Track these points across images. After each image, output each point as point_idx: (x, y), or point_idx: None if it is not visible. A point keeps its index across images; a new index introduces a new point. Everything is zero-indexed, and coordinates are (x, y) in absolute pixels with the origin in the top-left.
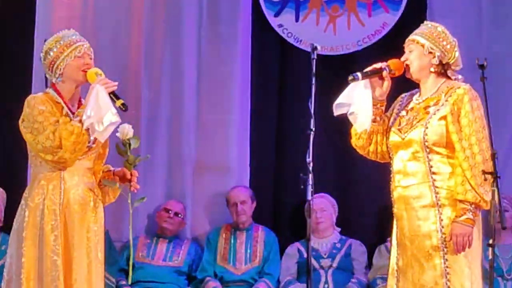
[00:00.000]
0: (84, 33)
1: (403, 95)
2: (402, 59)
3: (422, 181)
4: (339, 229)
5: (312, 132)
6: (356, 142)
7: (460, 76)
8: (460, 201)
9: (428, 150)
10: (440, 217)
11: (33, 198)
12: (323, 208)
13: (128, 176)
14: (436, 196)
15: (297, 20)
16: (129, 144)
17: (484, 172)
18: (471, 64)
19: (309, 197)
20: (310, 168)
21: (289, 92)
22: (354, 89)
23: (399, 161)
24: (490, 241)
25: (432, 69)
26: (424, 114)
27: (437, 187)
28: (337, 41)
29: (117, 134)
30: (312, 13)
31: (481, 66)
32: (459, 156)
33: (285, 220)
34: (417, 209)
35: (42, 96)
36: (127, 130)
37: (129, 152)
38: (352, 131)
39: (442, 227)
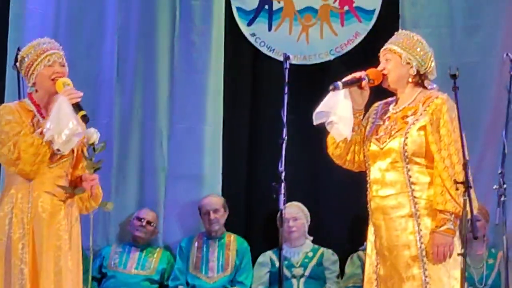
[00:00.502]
0: (57, 41)
1: (377, 103)
2: (379, 68)
3: (400, 191)
4: (311, 238)
5: (284, 141)
6: (334, 151)
7: (435, 86)
8: (440, 211)
9: (407, 160)
10: (419, 228)
11: (3, 207)
12: (295, 217)
13: (88, 180)
14: (414, 206)
15: (270, 29)
16: (94, 149)
17: (455, 182)
18: (443, 74)
19: (282, 206)
20: (283, 177)
21: (261, 101)
22: (334, 98)
23: (377, 171)
24: (462, 251)
25: (410, 80)
26: (403, 124)
27: (415, 197)
28: (309, 50)
29: (83, 139)
30: (285, 22)
31: (453, 76)
32: (438, 166)
33: (258, 229)
34: (395, 219)
35: (12, 105)
36: (91, 134)
37: (93, 157)
38: (329, 140)
39: (421, 237)
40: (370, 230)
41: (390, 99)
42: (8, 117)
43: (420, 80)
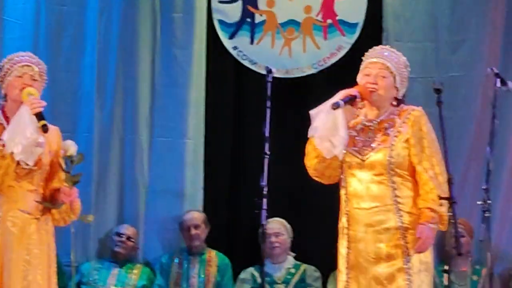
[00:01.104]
0: (36, 54)
1: None
2: (370, 80)
3: (386, 203)
4: (293, 254)
5: (266, 156)
6: (317, 165)
7: None
8: (431, 209)
9: (392, 172)
10: (404, 239)
11: None
12: (278, 233)
13: (67, 194)
14: (400, 219)
15: (252, 42)
16: (71, 161)
17: (440, 198)
18: (427, 88)
19: (264, 222)
20: (265, 192)
21: (244, 115)
22: (332, 116)
23: (358, 183)
24: (446, 267)
25: (393, 102)
26: (384, 136)
27: (400, 210)
28: (292, 64)
29: (61, 151)
30: (267, 35)
31: (437, 90)
32: (422, 178)
33: (239, 245)
34: (381, 231)
35: None
36: (68, 147)
37: (71, 169)
38: (311, 152)
39: (407, 248)
40: (342, 244)
41: (356, 110)
42: None
43: (398, 103)
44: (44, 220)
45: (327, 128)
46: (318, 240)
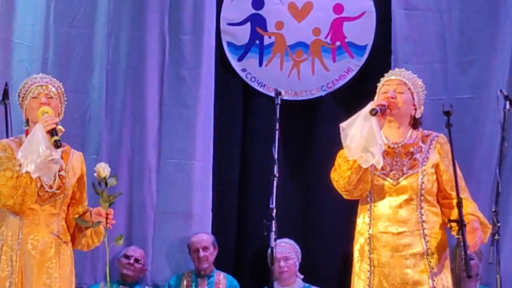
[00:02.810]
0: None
1: None
2: (390, 95)
3: (413, 229)
4: (302, 276)
5: (275, 178)
6: (351, 177)
7: None
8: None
9: (422, 198)
10: (430, 265)
11: None
12: (286, 256)
13: (103, 215)
14: (426, 245)
15: (260, 64)
16: (106, 183)
17: (449, 220)
18: (436, 110)
19: (272, 244)
20: (274, 215)
21: (252, 137)
22: (368, 123)
23: (386, 207)
24: None
25: (410, 120)
26: (413, 161)
27: (426, 235)
28: (301, 86)
29: (94, 174)
30: (276, 57)
31: (447, 113)
32: (453, 203)
33: (248, 267)
34: (407, 257)
35: (5, 141)
36: (103, 169)
37: (105, 191)
38: (344, 164)
39: (433, 274)
40: (362, 267)
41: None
42: (0, 154)
43: (415, 124)
44: (65, 244)
45: (364, 136)
46: (327, 261)
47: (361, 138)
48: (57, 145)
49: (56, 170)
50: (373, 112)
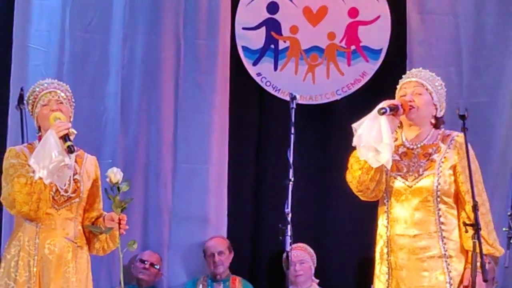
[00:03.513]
0: (60, 80)
1: None
2: (408, 98)
3: (430, 231)
4: (317, 281)
5: (291, 182)
6: (362, 176)
7: None
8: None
9: (438, 199)
10: (448, 268)
11: (10, 250)
12: (302, 260)
13: (116, 220)
14: (444, 247)
15: (275, 69)
16: (118, 188)
17: (465, 224)
18: (451, 114)
19: (288, 248)
20: (289, 219)
21: (267, 141)
22: (377, 123)
23: (402, 209)
24: None
25: (432, 121)
26: (430, 162)
27: (444, 237)
28: (316, 90)
29: (106, 179)
30: (291, 62)
31: (462, 117)
32: (468, 207)
33: (263, 271)
34: (424, 259)
35: (19, 148)
36: (115, 174)
37: (118, 196)
38: (355, 164)
39: (451, 278)
40: (382, 270)
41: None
42: (13, 161)
43: (438, 123)
44: (81, 248)
45: (372, 136)
46: (342, 265)
47: (370, 137)
48: (70, 150)
49: (69, 175)
50: (381, 112)
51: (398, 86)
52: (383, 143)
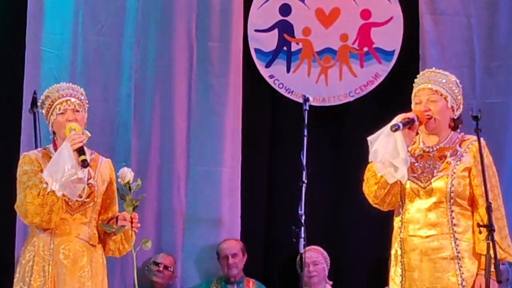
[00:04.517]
0: (73, 84)
1: None
2: (422, 108)
3: (443, 232)
4: (331, 283)
5: (304, 184)
6: (377, 191)
7: None
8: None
9: (451, 201)
10: (460, 270)
11: (25, 255)
12: (315, 261)
13: (128, 219)
14: (456, 249)
15: (288, 71)
16: (129, 188)
17: (478, 225)
18: (464, 115)
19: (302, 250)
20: (302, 221)
21: (280, 144)
22: (392, 138)
23: (416, 211)
24: None
25: (450, 123)
26: (445, 164)
27: (457, 239)
28: (329, 92)
29: (118, 179)
30: (303, 64)
31: (475, 118)
32: (481, 211)
33: (277, 273)
34: (436, 260)
35: (32, 154)
36: (125, 174)
37: (129, 195)
38: (371, 179)
39: (463, 280)
40: (396, 272)
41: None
42: (26, 167)
43: (456, 124)
44: (97, 252)
45: (389, 151)
46: (356, 267)
47: (386, 153)
48: (84, 164)
49: (81, 188)
50: (393, 129)
51: (413, 91)
52: (399, 158)
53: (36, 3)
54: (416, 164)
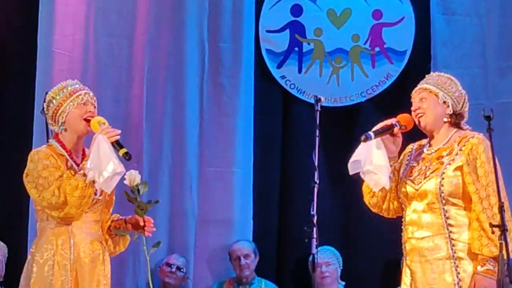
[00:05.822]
0: (84, 85)
1: (411, 145)
2: (414, 108)
3: (437, 233)
4: (343, 283)
5: (316, 185)
6: (370, 200)
7: (467, 126)
8: (478, 254)
9: (444, 201)
10: (456, 270)
11: (42, 254)
12: (328, 262)
13: (141, 223)
14: (452, 249)
15: (300, 71)
16: (138, 190)
17: (491, 225)
18: (477, 115)
19: (314, 251)
20: (314, 221)
21: (292, 144)
22: (366, 148)
23: (413, 213)
24: None
25: (445, 119)
26: (438, 164)
27: (453, 239)
28: (340, 93)
29: (125, 182)
30: (315, 64)
31: (487, 118)
32: (476, 208)
33: (289, 274)
34: (432, 261)
35: (45, 149)
36: (134, 176)
37: (138, 198)
38: (365, 189)
39: (460, 280)
40: (406, 273)
41: (424, 140)
42: (46, 162)
43: (456, 120)
44: (106, 250)
45: (365, 160)
46: (368, 268)
47: (364, 162)
48: (127, 157)
49: (116, 183)
50: (363, 138)
51: None
52: (373, 165)
53: (47, 4)
54: (416, 167)
